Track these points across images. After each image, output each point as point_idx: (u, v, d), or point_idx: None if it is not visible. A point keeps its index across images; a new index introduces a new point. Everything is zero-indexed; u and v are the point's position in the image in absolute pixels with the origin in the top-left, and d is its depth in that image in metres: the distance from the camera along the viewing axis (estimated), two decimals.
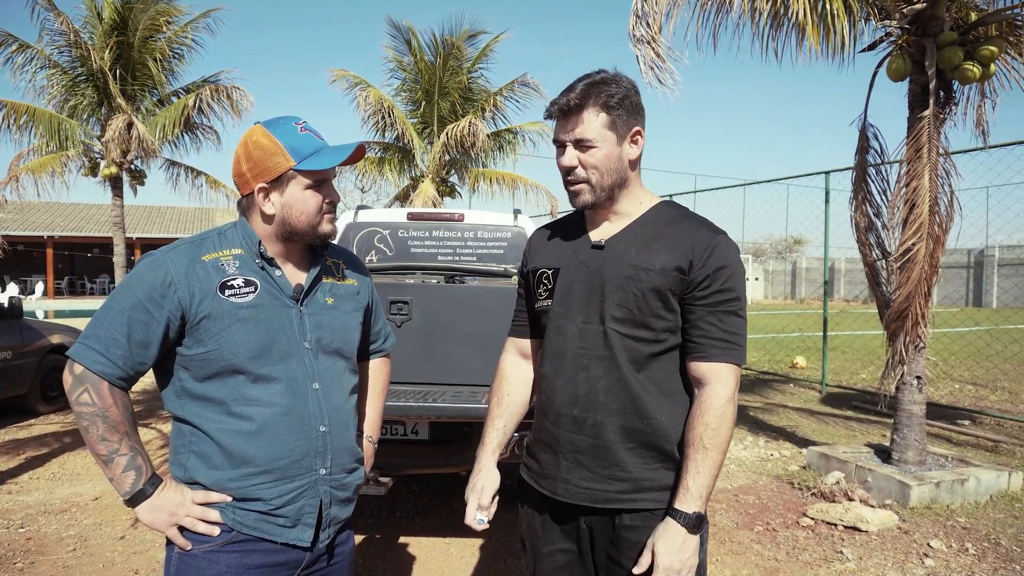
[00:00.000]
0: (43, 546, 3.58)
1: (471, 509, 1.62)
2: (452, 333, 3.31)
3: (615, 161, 1.50)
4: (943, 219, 4.45)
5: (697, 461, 1.41)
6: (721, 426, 1.42)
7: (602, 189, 1.51)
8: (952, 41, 4.33)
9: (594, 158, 1.49)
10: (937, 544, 3.73)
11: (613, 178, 1.51)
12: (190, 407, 1.45)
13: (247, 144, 1.48)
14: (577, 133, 1.48)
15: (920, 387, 4.72)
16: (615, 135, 1.49)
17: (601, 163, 1.49)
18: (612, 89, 1.47)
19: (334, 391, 1.54)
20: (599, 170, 1.49)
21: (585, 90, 1.47)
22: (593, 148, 1.48)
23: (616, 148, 1.50)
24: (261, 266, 1.49)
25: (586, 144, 1.48)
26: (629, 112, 1.49)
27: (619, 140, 1.50)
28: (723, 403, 1.43)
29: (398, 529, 3.88)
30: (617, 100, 1.47)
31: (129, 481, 1.39)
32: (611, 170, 1.50)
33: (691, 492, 1.41)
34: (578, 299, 1.55)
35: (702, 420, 1.42)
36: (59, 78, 12.20)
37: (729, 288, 1.45)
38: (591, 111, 1.47)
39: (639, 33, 4.63)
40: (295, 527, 1.47)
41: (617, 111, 1.48)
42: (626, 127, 1.50)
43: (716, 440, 1.42)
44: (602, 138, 1.48)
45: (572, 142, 1.50)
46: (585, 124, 1.47)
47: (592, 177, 1.50)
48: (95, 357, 1.38)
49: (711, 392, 1.44)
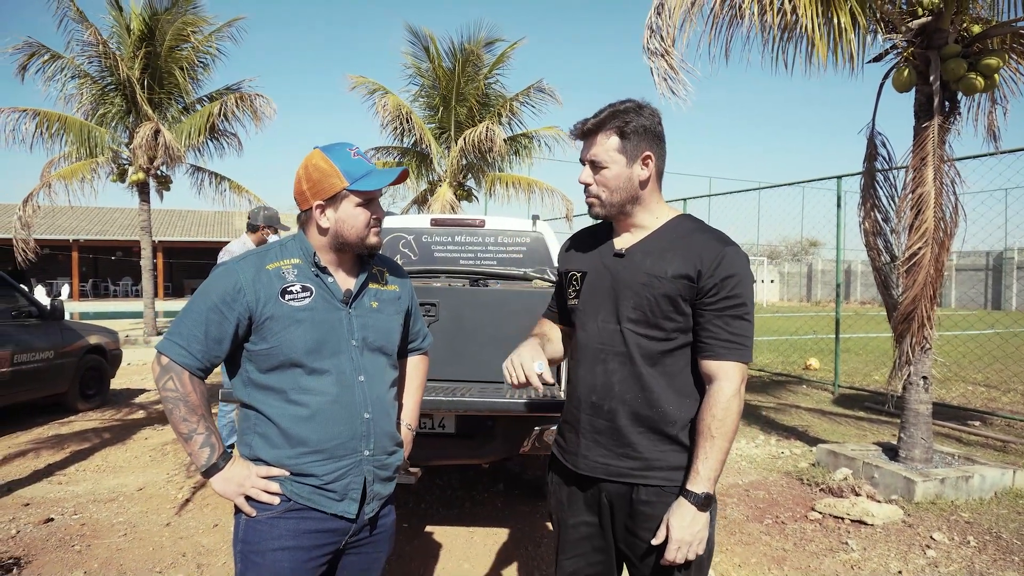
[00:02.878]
0: (96, 531, 3.85)
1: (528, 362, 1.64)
2: (477, 333, 3.53)
3: (624, 181, 1.71)
4: (948, 224, 4.61)
5: (706, 448, 1.62)
6: (727, 417, 1.62)
7: (611, 205, 1.73)
8: (956, 53, 4.49)
9: (604, 177, 1.71)
10: (939, 536, 3.90)
11: (622, 196, 1.72)
12: (255, 394, 1.69)
13: (307, 167, 1.71)
14: (591, 154, 1.72)
15: (926, 387, 4.88)
16: (625, 157, 1.70)
17: (610, 182, 1.71)
18: (629, 117, 1.68)
19: (377, 383, 1.77)
20: (608, 188, 1.72)
21: (603, 116, 1.70)
22: (604, 168, 1.71)
23: (626, 169, 1.71)
24: (316, 273, 1.73)
25: (598, 164, 1.71)
26: (641, 138, 1.70)
27: (629, 162, 1.71)
28: (728, 397, 1.63)
29: (424, 519, 4.11)
30: (632, 127, 1.68)
31: (205, 455, 1.64)
32: (620, 188, 1.71)
33: (700, 475, 1.62)
34: (599, 300, 1.77)
35: (710, 412, 1.63)
36: (89, 87, 12.60)
37: (735, 295, 1.64)
38: (603, 135, 1.70)
39: (653, 46, 4.83)
40: (343, 500, 1.70)
41: (629, 137, 1.69)
42: (636, 151, 1.71)
43: (722, 430, 1.62)
44: (612, 160, 1.70)
45: (588, 161, 1.73)
46: (597, 146, 1.71)
47: (602, 194, 1.73)
48: (179, 351, 1.63)
49: (718, 387, 1.64)
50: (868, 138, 5.19)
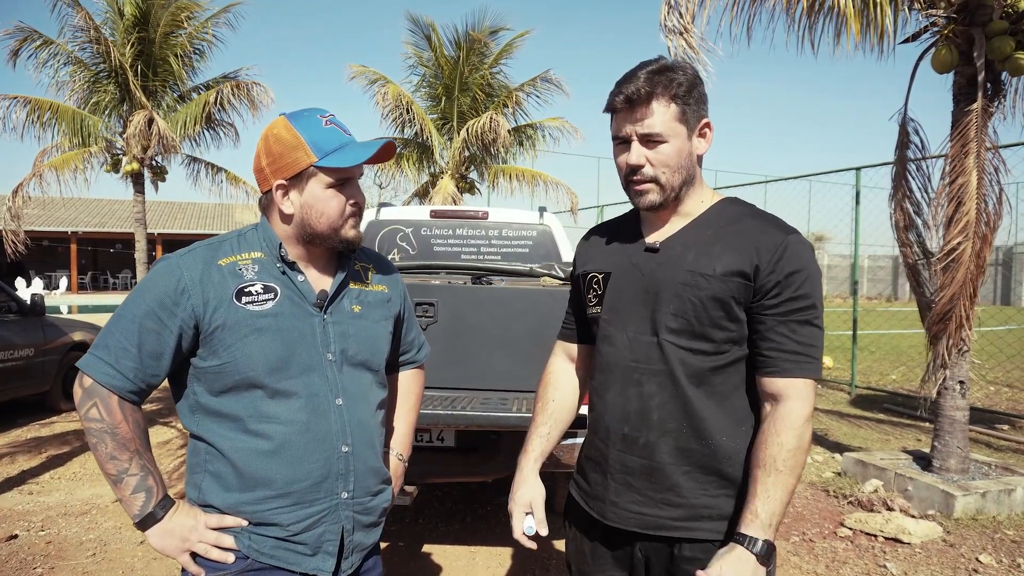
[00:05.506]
0: (63, 550, 3.52)
1: (518, 521, 1.49)
2: (480, 336, 3.18)
3: (685, 157, 1.36)
4: (991, 217, 4.24)
5: (768, 485, 1.27)
6: (799, 448, 1.28)
7: (672, 189, 1.37)
8: (1003, 30, 4.11)
9: (663, 154, 1.34)
10: (986, 559, 3.55)
11: (683, 176, 1.37)
12: (205, 423, 1.35)
13: (268, 137, 1.37)
14: (646, 126, 1.33)
15: (963, 392, 4.53)
16: (686, 128, 1.35)
17: (672, 160, 1.35)
18: (680, 77, 1.33)
19: (359, 407, 1.43)
20: (670, 167, 1.35)
21: (651, 78, 1.32)
22: (663, 143, 1.34)
23: (687, 143, 1.36)
24: (282, 271, 1.39)
25: (656, 139, 1.34)
26: (698, 102, 1.35)
27: (689, 134, 1.36)
28: (801, 422, 1.29)
29: (422, 537, 3.77)
30: (686, 89, 1.33)
31: (139, 503, 1.30)
32: (681, 167, 1.36)
33: (760, 519, 1.26)
34: (629, 307, 1.42)
35: (777, 439, 1.28)
36: (81, 74, 12.25)
37: (804, 295, 1.30)
38: (660, 101, 1.32)
39: (671, 23, 4.47)
40: (315, 555, 1.37)
41: (687, 101, 1.34)
42: (696, 118, 1.36)
43: (791, 463, 1.27)
44: (673, 132, 1.33)
45: (640, 136, 1.35)
46: (655, 116, 1.32)
47: (661, 176, 1.35)
48: (105, 369, 1.29)
49: (788, 409, 1.30)
50: (900, 124, 4.81)
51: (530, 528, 1.47)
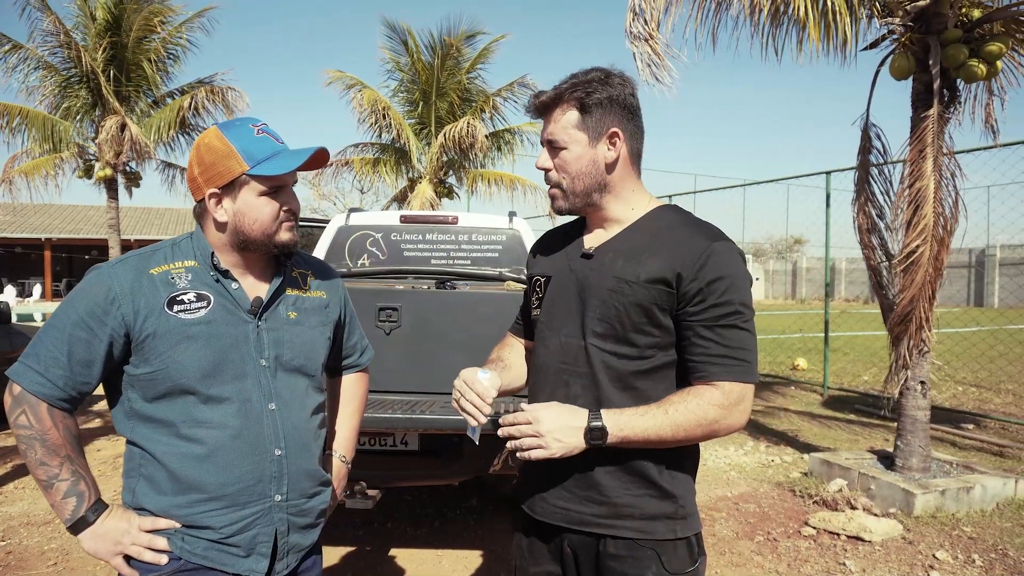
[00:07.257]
0: (23, 560, 3.48)
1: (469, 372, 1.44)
2: (443, 341, 3.20)
3: (587, 164, 1.40)
4: (948, 221, 4.34)
5: (649, 411, 1.32)
6: (698, 420, 1.31)
7: (574, 194, 1.42)
8: (956, 39, 4.22)
9: (563, 160, 1.41)
10: (943, 555, 3.63)
11: (586, 182, 1.41)
12: (139, 429, 1.38)
13: (200, 147, 1.40)
14: (548, 132, 1.42)
15: (924, 392, 4.62)
16: (586, 135, 1.39)
17: (570, 166, 1.40)
18: (592, 87, 1.37)
19: (293, 411, 1.45)
20: (570, 174, 1.41)
21: (562, 87, 1.38)
22: (563, 150, 1.40)
23: (588, 150, 1.40)
24: (215, 279, 1.41)
25: (556, 145, 1.41)
26: (606, 111, 1.39)
27: (591, 141, 1.39)
28: (715, 404, 1.32)
29: (389, 540, 3.78)
30: (595, 99, 1.37)
31: (70, 508, 1.32)
32: (583, 174, 1.40)
33: (620, 416, 1.31)
34: (563, 311, 1.46)
35: (686, 397, 1.32)
36: (52, 79, 12.08)
37: (727, 301, 1.32)
38: (561, 109, 1.39)
39: (636, 30, 4.53)
40: (248, 557, 1.39)
41: (591, 110, 1.38)
42: (600, 127, 1.39)
43: (680, 419, 1.30)
44: (571, 139, 1.39)
45: (545, 142, 1.43)
46: (554, 123, 1.40)
47: (563, 181, 1.42)
48: (33, 377, 1.31)
49: (711, 393, 1.32)
50: (862, 129, 4.90)
51: (486, 375, 1.43)
